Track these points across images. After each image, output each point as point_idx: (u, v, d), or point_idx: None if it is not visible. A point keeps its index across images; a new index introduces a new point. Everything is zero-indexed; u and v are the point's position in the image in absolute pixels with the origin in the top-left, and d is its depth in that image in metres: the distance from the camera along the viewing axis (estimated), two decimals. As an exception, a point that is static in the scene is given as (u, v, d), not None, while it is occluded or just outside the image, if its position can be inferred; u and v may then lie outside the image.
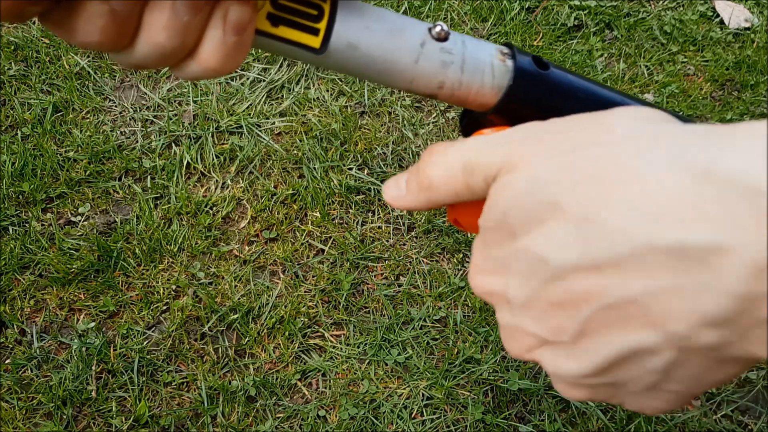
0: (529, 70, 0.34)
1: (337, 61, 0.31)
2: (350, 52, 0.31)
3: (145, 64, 0.28)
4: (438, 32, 0.32)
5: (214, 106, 1.33)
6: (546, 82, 0.34)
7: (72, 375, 0.99)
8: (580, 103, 0.34)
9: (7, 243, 1.12)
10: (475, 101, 0.34)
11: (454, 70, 0.33)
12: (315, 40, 0.30)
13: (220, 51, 0.28)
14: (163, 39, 0.26)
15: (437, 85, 0.33)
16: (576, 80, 0.35)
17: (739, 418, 1.03)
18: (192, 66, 0.28)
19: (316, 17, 0.30)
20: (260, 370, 1.03)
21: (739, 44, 1.60)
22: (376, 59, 0.32)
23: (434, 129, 1.34)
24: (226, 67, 0.28)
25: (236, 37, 0.27)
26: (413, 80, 0.33)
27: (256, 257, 1.14)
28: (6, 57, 1.38)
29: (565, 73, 0.34)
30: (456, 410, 1.01)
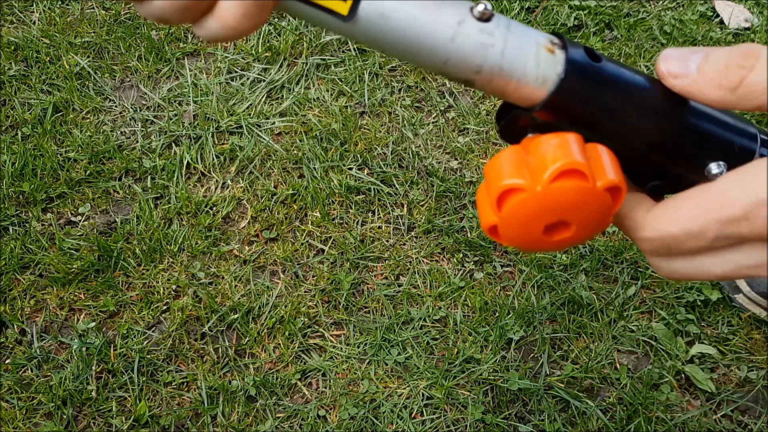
0: (582, 62, 0.31)
1: (366, 31, 0.29)
2: (381, 22, 0.28)
3: (164, 16, 0.27)
4: (481, 11, 0.29)
5: (214, 106, 1.33)
6: (599, 75, 0.31)
7: (72, 375, 0.99)
8: (632, 98, 0.32)
9: (7, 243, 1.12)
10: (515, 93, 0.31)
11: (494, 54, 0.30)
12: (343, 5, 0.28)
13: (240, 8, 0.26)
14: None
15: (474, 70, 0.30)
16: (629, 74, 0.32)
17: (739, 418, 1.03)
18: (211, 23, 0.27)
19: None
20: (260, 370, 1.03)
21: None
22: (407, 33, 0.29)
23: (434, 129, 1.34)
24: (245, 26, 0.27)
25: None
26: (447, 61, 0.30)
27: (256, 257, 1.14)
28: (6, 57, 1.38)
29: (617, 66, 0.32)
30: (456, 410, 1.01)
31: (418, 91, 1.40)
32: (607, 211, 0.31)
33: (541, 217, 0.30)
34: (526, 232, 0.31)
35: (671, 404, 1.03)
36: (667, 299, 1.14)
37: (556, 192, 0.29)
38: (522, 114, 0.32)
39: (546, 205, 0.29)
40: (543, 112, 0.31)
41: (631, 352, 1.08)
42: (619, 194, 0.31)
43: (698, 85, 0.30)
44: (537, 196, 0.29)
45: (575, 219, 0.31)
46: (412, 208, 1.22)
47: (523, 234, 0.31)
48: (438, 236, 1.18)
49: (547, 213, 0.30)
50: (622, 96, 0.31)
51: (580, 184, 0.29)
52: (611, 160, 0.31)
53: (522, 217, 0.30)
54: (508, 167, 0.30)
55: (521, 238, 0.31)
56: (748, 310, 1.11)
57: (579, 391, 1.03)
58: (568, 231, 0.31)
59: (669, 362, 1.07)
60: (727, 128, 0.34)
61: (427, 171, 1.27)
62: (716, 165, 0.33)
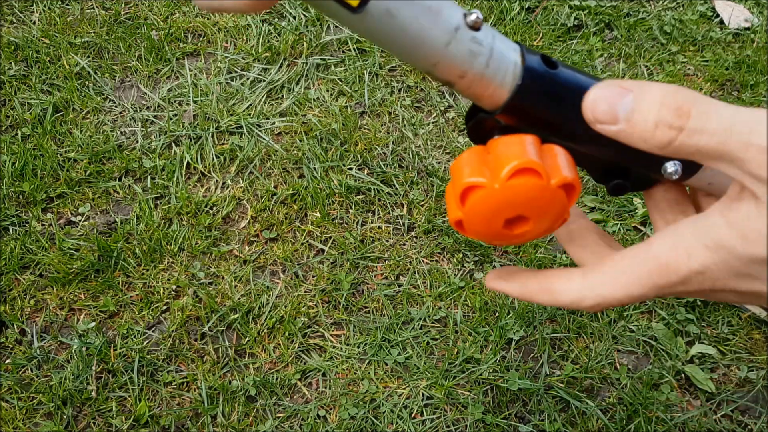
0: (538, 69, 0.33)
1: (371, 25, 0.30)
2: (386, 18, 0.30)
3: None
4: (473, 20, 0.31)
5: (214, 106, 1.33)
6: (554, 81, 0.33)
7: (72, 375, 0.99)
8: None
9: (7, 243, 1.12)
10: (490, 99, 0.33)
11: (480, 62, 0.32)
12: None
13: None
14: None
15: (459, 74, 0.32)
16: (584, 79, 0.34)
17: (739, 418, 1.03)
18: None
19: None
20: (260, 370, 1.03)
21: (738, 44, 1.60)
22: (408, 33, 0.30)
23: (434, 129, 1.34)
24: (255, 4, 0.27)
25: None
26: (437, 63, 0.32)
27: (256, 257, 1.14)
28: (6, 57, 1.38)
29: (573, 72, 0.34)
30: (456, 410, 1.01)
31: (418, 91, 1.40)
32: (563, 206, 0.33)
33: (500, 212, 0.33)
34: (488, 225, 0.33)
35: (671, 404, 1.03)
36: (667, 299, 1.14)
37: (513, 189, 0.31)
38: (486, 117, 0.34)
39: (504, 200, 0.32)
40: (504, 115, 0.33)
41: (631, 352, 1.08)
42: (573, 191, 0.33)
43: (626, 135, 0.29)
44: (495, 192, 0.32)
45: (532, 214, 0.33)
46: (412, 208, 1.22)
47: (486, 227, 0.34)
48: (438, 236, 1.18)
49: (506, 208, 0.32)
50: (576, 99, 0.33)
51: (535, 182, 0.31)
52: (566, 159, 0.33)
53: (483, 211, 0.33)
54: (470, 166, 0.33)
55: (484, 231, 0.34)
56: (748, 310, 1.11)
57: (579, 391, 1.03)
58: (527, 225, 0.34)
59: (669, 362, 1.07)
60: None
61: (427, 171, 1.27)
62: (672, 164, 0.35)
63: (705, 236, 0.29)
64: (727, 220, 0.29)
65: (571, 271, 0.33)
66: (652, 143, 0.29)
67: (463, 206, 0.33)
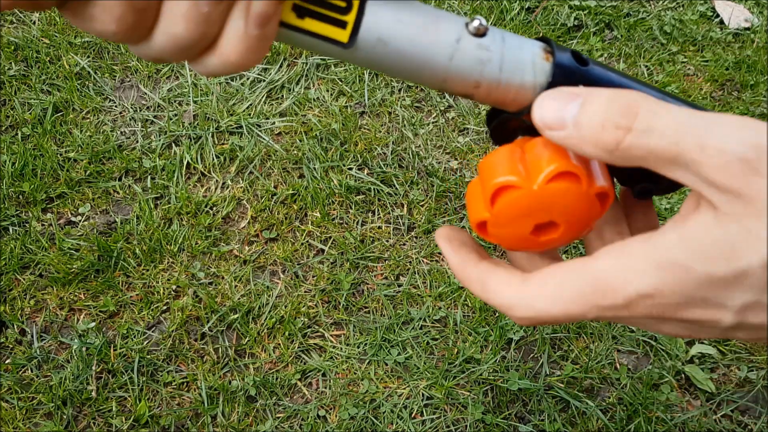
0: (569, 65, 0.31)
1: (366, 56, 0.29)
2: (380, 47, 0.29)
3: (163, 57, 0.26)
4: (476, 27, 0.30)
5: (214, 106, 1.33)
6: (585, 78, 0.31)
7: (72, 375, 0.99)
8: None
9: (7, 243, 1.12)
10: (514, 102, 0.32)
11: (492, 68, 0.30)
12: (343, 33, 0.28)
13: (242, 44, 0.26)
14: (181, 30, 0.25)
15: (473, 85, 0.31)
16: (616, 77, 0.32)
17: (739, 418, 1.03)
18: (212, 60, 0.27)
19: (344, 9, 0.28)
20: (260, 370, 1.03)
21: (738, 44, 1.60)
22: (407, 56, 0.29)
23: (434, 129, 1.34)
24: (247, 61, 0.26)
25: (259, 30, 0.26)
26: (446, 79, 0.30)
27: (256, 257, 1.14)
28: (6, 57, 1.38)
29: (604, 70, 0.32)
30: (456, 410, 1.01)
31: (418, 91, 1.40)
32: (595, 215, 0.32)
33: (532, 216, 0.31)
34: (515, 230, 0.31)
35: (671, 404, 1.03)
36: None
37: (551, 192, 0.30)
38: (512, 117, 0.33)
39: (539, 204, 0.30)
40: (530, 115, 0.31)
41: (631, 352, 1.08)
42: (607, 200, 0.31)
43: (574, 140, 0.28)
44: (532, 194, 0.30)
45: (564, 221, 0.31)
46: (412, 208, 1.22)
47: (512, 232, 0.32)
48: (438, 236, 1.18)
49: (539, 212, 0.31)
50: None
51: (574, 187, 0.30)
52: (601, 166, 0.32)
53: (514, 214, 0.31)
54: (505, 164, 0.31)
55: (509, 235, 0.32)
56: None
57: (579, 391, 1.03)
58: (556, 232, 0.32)
59: (669, 362, 1.07)
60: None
61: (427, 171, 1.27)
62: None
63: (657, 255, 0.26)
64: (682, 236, 0.26)
65: (512, 274, 0.31)
66: (599, 147, 0.27)
67: (492, 207, 0.31)
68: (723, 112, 1.43)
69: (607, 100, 0.27)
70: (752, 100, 1.47)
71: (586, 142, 0.27)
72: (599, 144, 0.27)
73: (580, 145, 0.28)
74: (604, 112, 0.27)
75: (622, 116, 0.26)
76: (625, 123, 0.26)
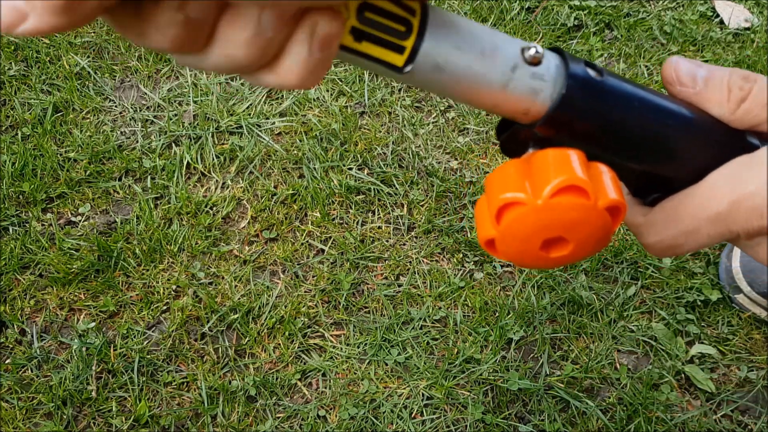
0: (584, 76, 0.30)
1: (420, 80, 0.29)
2: (435, 72, 0.28)
3: (213, 71, 0.25)
4: (532, 56, 0.29)
5: (214, 106, 1.33)
6: (600, 89, 0.31)
7: (72, 375, 0.99)
8: (636, 112, 0.31)
9: (7, 243, 1.12)
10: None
11: (544, 97, 0.30)
12: (399, 58, 0.27)
13: (304, 67, 0.25)
14: (241, 54, 0.24)
15: (523, 112, 0.30)
16: (630, 88, 0.31)
17: (739, 418, 1.03)
18: (269, 78, 0.26)
19: (403, 34, 0.27)
20: (260, 370, 1.03)
21: (738, 44, 1.60)
22: (462, 82, 0.29)
23: (434, 129, 1.34)
24: (307, 83, 0.26)
25: (322, 53, 0.25)
26: (498, 105, 0.30)
27: (256, 257, 1.14)
28: (6, 57, 1.38)
29: (619, 81, 0.31)
30: (456, 410, 1.01)
31: (418, 91, 1.40)
32: (606, 230, 0.31)
33: (539, 232, 0.30)
34: (524, 247, 0.31)
35: (671, 404, 1.03)
36: (667, 299, 1.14)
37: (557, 207, 0.29)
38: (523, 129, 0.32)
39: (545, 220, 0.29)
40: (544, 127, 0.31)
41: (631, 352, 1.08)
42: (618, 214, 0.31)
43: (701, 98, 0.32)
44: (537, 210, 0.29)
45: (573, 236, 0.30)
46: (412, 208, 1.22)
47: (521, 249, 0.31)
48: (438, 236, 1.18)
49: (546, 228, 0.30)
50: (624, 110, 0.31)
51: (580, 201, 0.29)
52: (612, 179, 0.31)
53: (521, 231, 0.30)
54: (510, 180, 0.30)
55: (518, 253, 0.31)
56: (749, 310, 1.11)
57: (579, 391, 1.03)
58: (566, 249, 0.31)
59: (669, 362, 1.07)
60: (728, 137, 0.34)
61: (427, 171, 1.27)
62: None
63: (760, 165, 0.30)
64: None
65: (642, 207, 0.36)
66: (724, 103, 0.32)
67: (498, 224, 0.30)
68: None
69: (731, 71, 0.32)
70: (752, 100, 1.46)
71: (712, 101, 0.32)
72: (724, 102, 0.32)
73: (704, 104, 0.32)
74: (728, 77, 0.32)
75: (744, 80, 0.32)
76: (748, 86, 0.32)
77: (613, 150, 0.32)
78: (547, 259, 0.32)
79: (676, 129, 0.33)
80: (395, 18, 0.26)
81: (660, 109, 0.32)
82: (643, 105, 0.32)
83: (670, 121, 0.33)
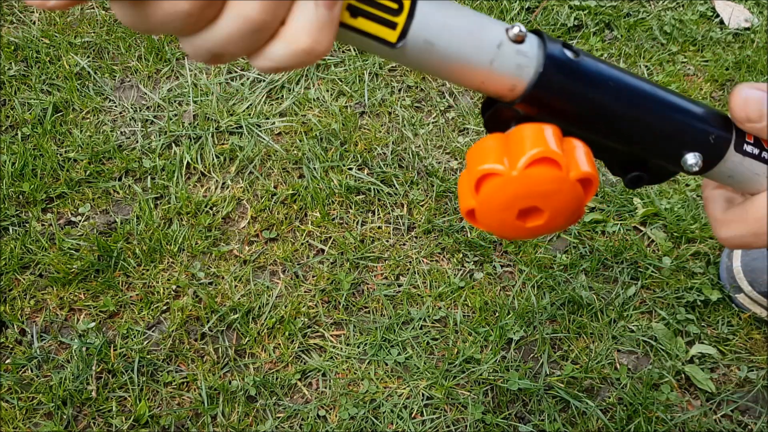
0: (560, 56, 0.32)
1: (411, 56, 0.30)
2: (426, 48, 0.30)
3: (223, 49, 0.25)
4: (516, 34, 0.31)
5: (214, 106, 1.33)
6: (577, 70, 0.32)
7: (72, 375, 0.99)
8: (610, 91, 0.33)
9: (7, 243, 1.12)
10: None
11: (528, 73, 0.31)
12: (392, 34, 0.29)
13: (312, 26, 0.25)
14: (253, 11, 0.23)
15: (509, 88, 0.32)
16: (606, 68, 0.33)
17: (739, 418, 1.03)
18: (278, 47, 0.25)
19: (396, 11, 0.28)
20: (260, 370, 1.03)
21: (739, 44, 1.60)
22: (450, 58, 0.30)
23: (434, 129, 1.34)
24: (318, 45, 0.25)
25: (328, 11, 0.25)
26: (485, 81, 0.31)
27: (256, 257, 1.14)
28: (6, 57, 1.38)
29: (595, 61, 0.33)
30: (456, 410, 1.01)
31: (418, 91, 1.40)
32: (579, 201, 0.32)
33: (515, 201, 0.32)
34: (502, 216, 0.32)
35: (671, 404, 1.03)
36: (667, 299, 1.14)
37: (531, 178, 0.31)
38: (505, 107, 0.33)
39: (520, 190, 0.31)
40: (523, 104, 0.32)
41: (631, 352, 1.08)
42: (590, 186, 0.32)
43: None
44: (512, 180, 0.31)
45: (548, 206, 0.32)
46: (412, 208, 1.22)
47: (499, 218, 0.33)
48: (438, 236, 1.18)
49: (522, 198, 0.31)
50: (599, 90, 0.32)
51: (553, 172, 0.31)
52: (586, 153, 0.33)
53: (498, 200, 0.32)
54: (488, 153, 0.32)
55: (497, 222, 0.33)
56: (749, 309, 1.11)
57: (579, 391, 1.03)
58: (541, 218, 0.33)
59: (669, 362, 1.07)
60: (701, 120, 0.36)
61: (427, 171, 1.27)
62: (692, 155, 0.36)
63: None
64: None
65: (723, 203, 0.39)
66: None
67: (477, 194, 0.32)
68: (723, 111, 1.43)
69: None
70: (752, 100, 1.46)
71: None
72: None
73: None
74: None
75: None
76: None
77: (589, 128, 0.34)
78: (523, 229, 0.33)
79: (650, 110, 0.34)
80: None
81: (635, 89, 0.34)
82: (619, 85, 0.33)
83: (645, 102, 0.34)
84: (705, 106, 0.37)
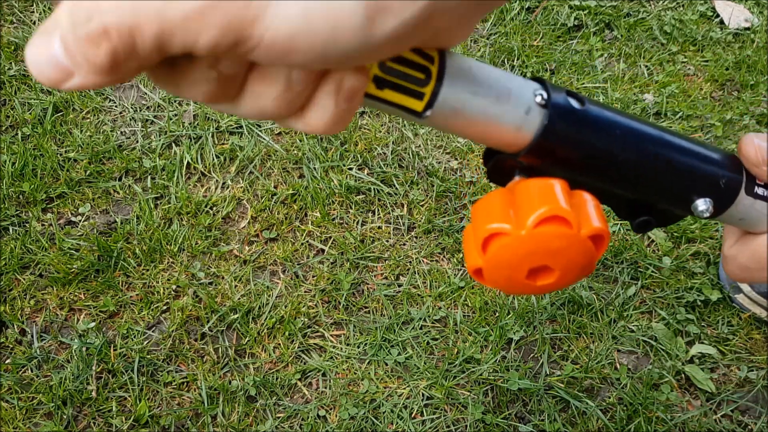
0: (565, 106, 0.31)
1: (438, 123, 0.30)
2: (452, 116, 0.29)
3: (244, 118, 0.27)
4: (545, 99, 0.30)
5: (214, 106, 1.33)
6: (582, 118, 0.31)
7: (72, 375, 0.99)
8: (617, 139, 0.32)
9: (7, 243, 1.12)
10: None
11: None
12: (419, 104, 0.28)
13: (330, 118, 0.26)
14: (271, 106, 0.25)
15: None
16: (612, 115, 0.32)
17: (739, 418, 1.03)
18: (296, 124, 0.27)
19: (423, 81, 0.28)
20: (260, 370, 1.03)
21: (739, 44, 1.60)
22: (478, 125, 0.30)
23: (434, 129, 1.34)
24: (332, 131, 0.27)
25: (348, 104, 0.26)
26: (510, 143, 0.31)
27: (256, 257, 1.14)
28: (6, 57, 1.38)
29: (600, 109, 0.32)
30: (456, 410, 1.01)
31: (418, 91, 1.40)
32: (590, 257, 0.31)
33: (524, 261, 0.31)
34: (510, 275, 0.31)
35: (671, 404, 1.03)
36: (667, 299, 1.14)
37: (540, 237, 0.29)
38: (508, 158, 0.33)
39: (530, 249, 0.30)
40: (528, 156, 0.31)
41: (631, 352, 1.08)
42: (602, 242, 0.31)
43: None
44: (521, 240, 0.30)
45: (558, 265, 0.31)
46: (412, 208, 1.22)
47: (508, 277, 0.31)
48: (438, 236, 1.18)
49: (531, 257, 0.30)
50: (606, 138, 0.32)
51: (563, 231, 0.29)
52: (596, 207, 0.31)
53: (506, 260, 0.30)
54: (495, 211, 0.31)
55: (505, 281, 0.32)
56: (749, 310, 1.11)
57: (579, 391, 1.03)
58: (552, 277, 0.32)
59: (669, 362, 1.07)
60: (711, 163, 0.35)
61: (427, 171, 1.27)
62: (703, 201, 0.35)
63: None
64: None
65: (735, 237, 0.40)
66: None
67: (484, 254, 0.31)
68: (723, 111, 1.44)
69: None
70: (752, 100, 1.47)
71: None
72: None
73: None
74: None
75: None
76: None
77: (597, 177, 0.33)
78: (533, 287, 0.32)
79: (658, 156, 0.33)
80: (415, 66, 0.27)
81: (642, 136, 0.33)
82: (625, 132, 0.32)
83: (653, 149, 0.33)
84: (714, 148, 0.36)
